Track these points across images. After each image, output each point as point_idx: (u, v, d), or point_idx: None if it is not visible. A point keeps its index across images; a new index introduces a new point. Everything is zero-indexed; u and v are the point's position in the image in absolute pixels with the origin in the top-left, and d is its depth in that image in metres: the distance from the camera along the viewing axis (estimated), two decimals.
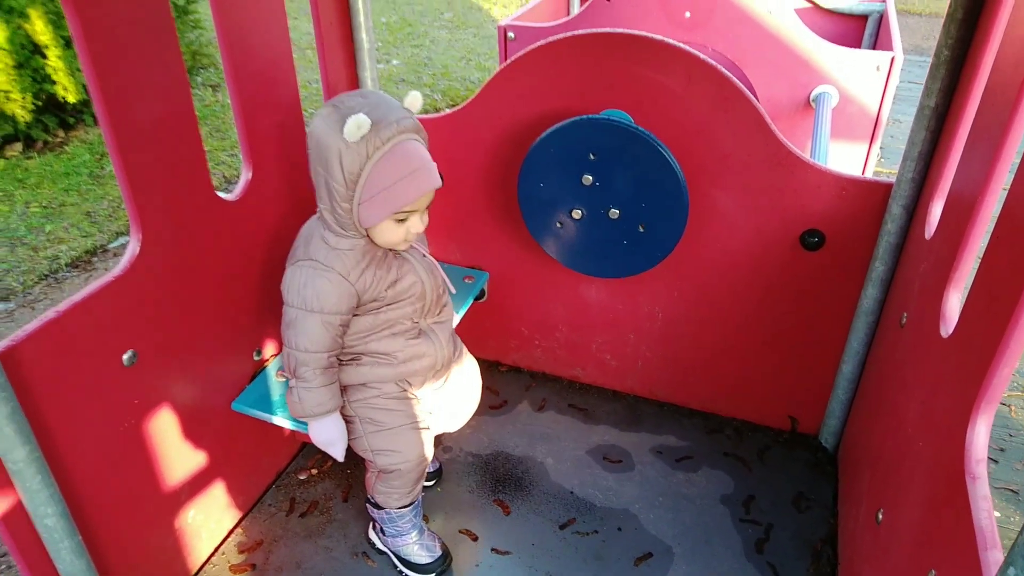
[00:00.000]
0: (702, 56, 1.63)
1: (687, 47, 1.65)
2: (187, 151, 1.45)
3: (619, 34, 1.68)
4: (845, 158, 2.68)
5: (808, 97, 2.64)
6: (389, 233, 1.37)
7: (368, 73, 1.93)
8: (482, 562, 1.71)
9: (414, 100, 1.37)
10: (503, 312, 2.20)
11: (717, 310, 1.94)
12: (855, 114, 2.63)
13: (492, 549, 1.74)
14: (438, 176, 1.37)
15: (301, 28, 6.40)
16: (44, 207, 4.09)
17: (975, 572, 0.82)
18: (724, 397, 2.09)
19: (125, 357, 1.38)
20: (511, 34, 2.93)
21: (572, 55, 1.73)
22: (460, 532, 1.77)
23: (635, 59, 1.68)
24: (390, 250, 1.43)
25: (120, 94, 1.26)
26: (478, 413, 2.12)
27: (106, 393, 1.36)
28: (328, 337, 1.40)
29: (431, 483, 1.90)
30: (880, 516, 1.34)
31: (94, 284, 1.31)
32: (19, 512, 1.22)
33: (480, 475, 1.93)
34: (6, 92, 4.20)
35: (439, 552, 1.67)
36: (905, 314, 1.49)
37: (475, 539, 1.77)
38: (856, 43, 3.30)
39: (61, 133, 4.71)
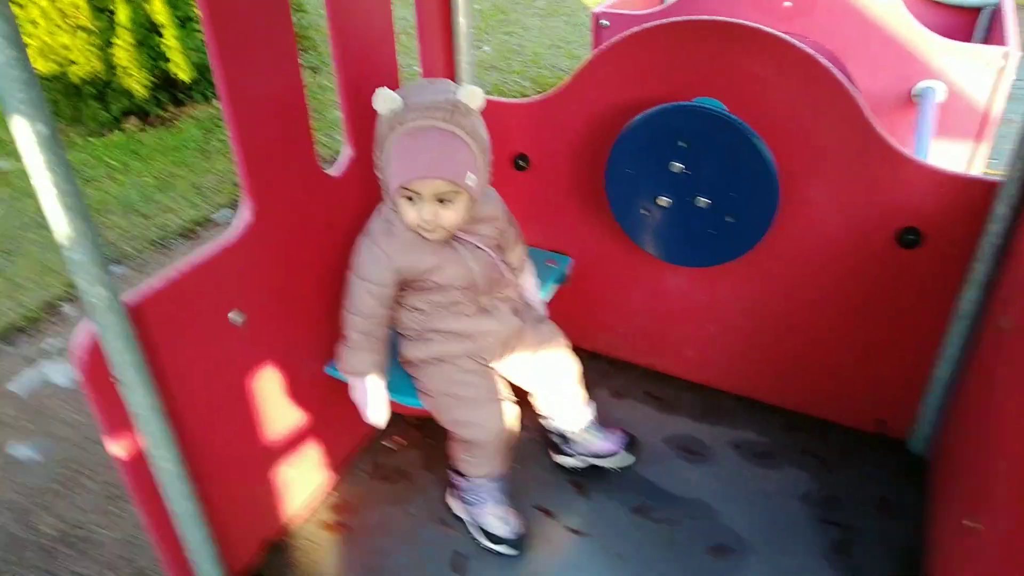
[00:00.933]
0: (797, 44, 1.60)
1: (782, 34, 1.62)
2: (297, 127, 1.54)
3: (713, 21, 1.68)
4: (950, 157, 2.57)
5: (911, 91, 2.54)
6: (404, 210, 1.45)
7: (464, 57, 1.98)
8: (556, 539, 1.75)
9: (470, 94, 1.39)
10: (584, 297, 2.22)
11: (804, 305, 1.91)
12: (963, 111, 2.51)
13: (567, 527, 1.78)
14: (436, 167, 1.37)
15: (397, 14, 6.54)
16: (156, 178, 4.36)
17: None
18: (807, 395, 2.05)
19: (235, 317, 1.49)
20: (604, 21, 2.93)
21: (665, 43, 1.74)
22: (536, 508, 1.82)
23: (728, 47, 1.67)
24: (440, 238, 1.51)
25: (239, 71, 1.35)
26: None
27: (217, 350, 1.47)
28: (369, 304, 1.53)
29: (630, 460, 1.90)
30: (977, 525, 1.31)
31: (211, 247, 1.42)
32: (138, 454, 1.34)
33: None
34: (126, 68, 4.48)
35: (519, 528, 1.71)
36: (1008, 318, 1.43)
37: (551, 516, 1.81)
38: (967, 37, 3.14)
39: (173, 109, 5.00)
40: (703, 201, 1.75)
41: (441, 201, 1.42)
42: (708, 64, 1.71)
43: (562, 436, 1.87)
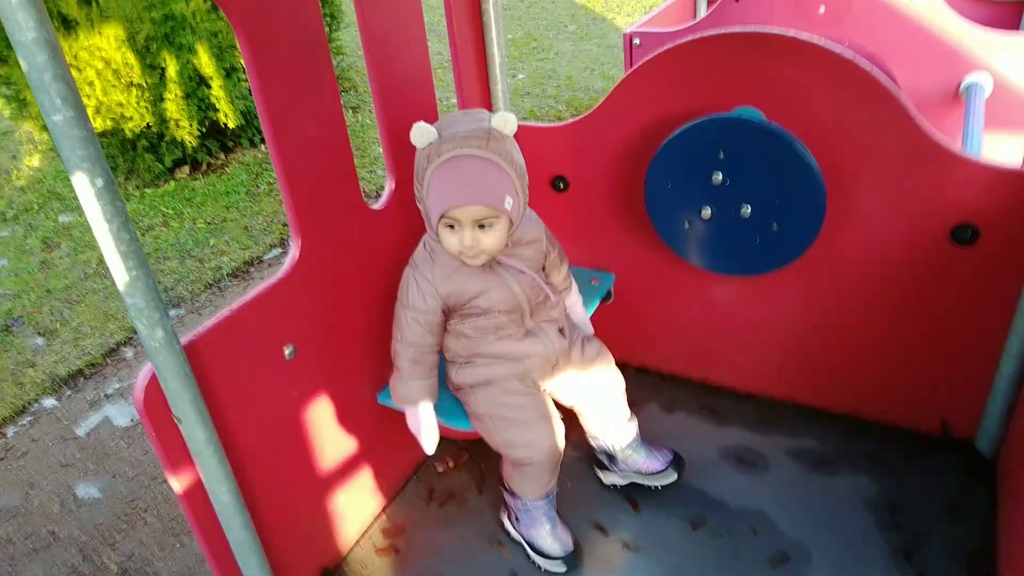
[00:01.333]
0: (834, 48, 1.58)
1: (818, 39, 1.61)
2: (340, 164, 1.58)
3: (747, 32, 1.67)
4: (1002, 151, 2.49)
5: (958, 87, 2.48)
6: (446, 239, 1.46)
7: (499, 87, 2.02)
8: (611, 555, 1.73)
9: (502, 121, 1.41)
10: (630, 313, 2.21)
11: (858, 308, 1.86)
12: (1013, 104, 2.44)
13: (623, 544, 1.76)
14: (474, 194, 1.39)
15: (433, 49, 6.69)
16: (208, 223, 4.51)
17: None
18: (866, 399, 2.00)
19: (287, 351, 1.53)
20: (637, 40, 2.95)
21: (698, 57, 1.74)
22: (589, 524, 1.81)
23: (764, 56, 1.67)
24: (482, 264, 1.52)
25: (284, 114, 1.41)
26: None
27: (269, 383, 1.51)
28: (417, 332, 1.55)
29: (674, 476, 1.87)
30: None
31: (261, 285, 1.46)
32: (198, 488, 1.38)
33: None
34: (176, 120, 4.67)
35: (571, 544, 1.71)
36: None
37: (605, 533, 1.79)
38: (1014, 28, 3.06)
39: (222, 156, 5.18)
40: (747, 210, 1.73)
41: (481, 227, 1.43)
42: (744, 74, 1.71)
43: (608, 454, 1.87)
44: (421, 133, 1.41)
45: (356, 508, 1.84)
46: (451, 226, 1.44)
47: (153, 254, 4.22)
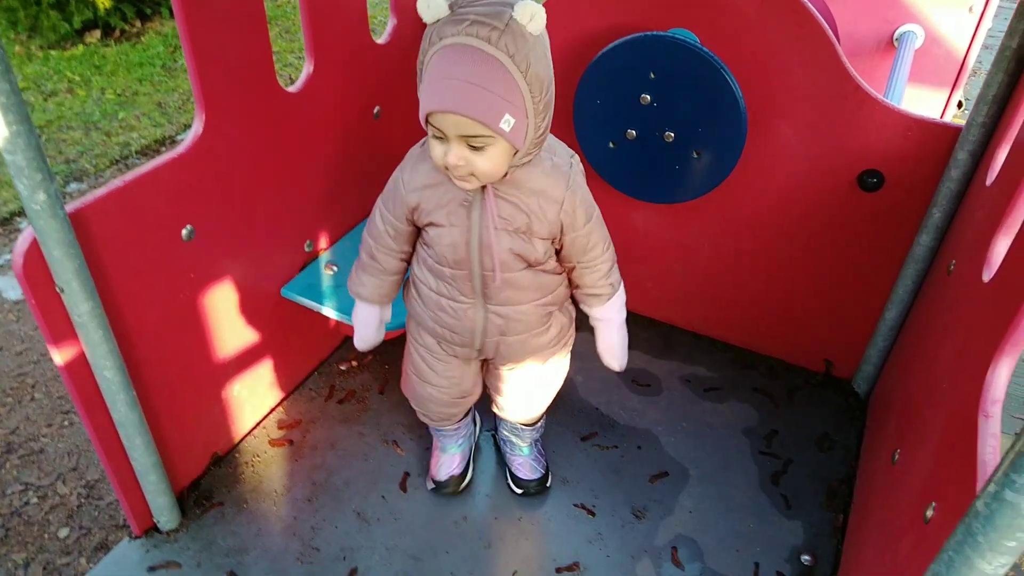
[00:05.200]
0: None
1: None
2: (253, 40, 1.48)
3: None
4: (923, 104, 2.57)
5: (892, 36, 2.52)
6: (432, 147, 1.17)
7: None
8: (499, 456, 1.79)
9: (527, 12, 1.05)
10: None
11: (764, 245, 1.92)
12: (939, 57, 2.50)
13: None
14: (460, 100, 1.07)
15: None
16: (118, 95, 4.22)
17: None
18: (761, 334, 2.09)
19: (184, 231, 1.46)
20: None
21: None
22: (488, 432, 1.85)
23: None
24: (462, 190, 1.23)
25: None
26: None
27: (165, 263, 1.44)
28: (379, 229, 1.36)
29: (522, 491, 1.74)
30: (896, 456, 1.36)
31: (160, 158, 1.38)
32: (82, 363, 1.33)
33: None
34: None
35: (443, 478, 1.68)
36: (954, 262, 1.46)
37: (496, 432, 1.84)
38: None
39: (138, 24, 4.80)
40: (670, 135, 1.73)
41: (472, 146, 1.12)
42: None
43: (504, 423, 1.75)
44: (428, 4, 1.07)
45: (252, 398, 1.82)
46: (437, 136, 1.15)
47: (55, 122, 3.93)
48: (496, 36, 1.04)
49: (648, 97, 1.70)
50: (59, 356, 1.30)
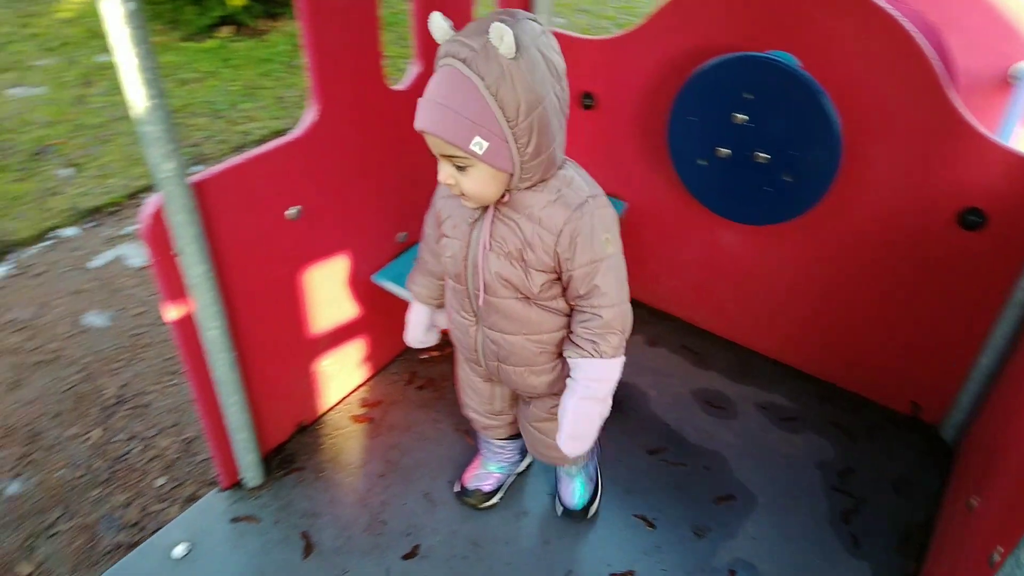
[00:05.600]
0: (883, 6, 1.54)
1: None
2: (367, 40, 1.59)
3: None
4: None
5: (1007, 72, 2.40)
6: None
7: None
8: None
9: (497, 33, 1.03)
10: (634, 243, 2.20)
11: (853, 276, 1.88)
12: None
13: None
14: (430, 120, 1.09)
15: None
16: (243, 87, 4.52)
17: None
18: (845, 368, 2.03)
19: (291, 211, 1.57)
20: None
21: None
22: None
23: (810, 1, 1.63)
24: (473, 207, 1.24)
25: None
26: None
27: (271, 238, 1.56)
28: (427, 232, 1.43)
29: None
30: (973, 503, 1.31)
31: (274, 142, 1.50)
32: (191, 322, 1.46)
33: None
34: None
35: (471, 487, 1.70)
36: None
37: None
38: None
39: (266, 22, 5.12)
40: (762, 156, 1.73)
41: (457, 166, 1.14)
42: (787, 17, 1.67)
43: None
44: (434, 26, 1.11)
45: (339, 375, 1.93)
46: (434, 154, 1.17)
47: (185, 108, 4.24)
48: (472, 57, 1.05)
49: (742, 116, 1.71)
50: (172, 313, 1.43)
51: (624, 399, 2.00)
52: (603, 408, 1.29)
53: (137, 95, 1.17)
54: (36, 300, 2.94)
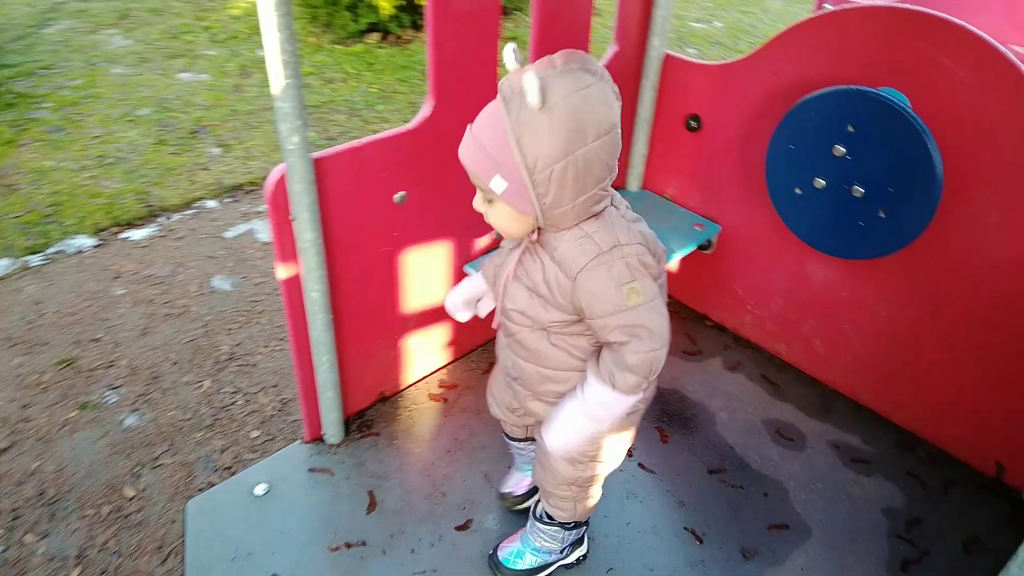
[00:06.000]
0: (999, 46, 1.52)
1: (989, 38, 1.54)
2: (484, 46, 1.72)
3: (918, 12, 1.63)
4: None
5: None
6: None
7: (660, 12, 2.06)
8: (627, 471, 1.86)
9: (528, 82, 1.00)
10: (724, 268, 2.25)
11: (947, 323, 1.82)
12: None
13: (640, 464, 1.88)
14: (471, 156, 1.11)
15: None
16: (381, 90, 4.82)
17: None
18: (929, 418, 1.97)
19: (397, 195, 1.72)
20: (828, 6, 2.83)
21: (859, 27, 1.71)
22: None
23: (923, 39, 1.62)
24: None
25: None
26: (669, 353, 2.24)
27: (376, 218, 1.72)
28: None
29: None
30: None
31: (390, 131, 1.65)
32: (297, 282, 1.63)
33: (651, 403, 2.06)
34: None
35: (504, 491, 1.76)
36: None
37: (629, 454, 1.92)
38: None
39: (411, 32, 5.45)
40: (858, 190, 1.72)
41: (487, 199, 1.16)
42: (902, 55, 1.67)
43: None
44: (507, 57, 1.09)
45: (423, 354, 2.06)
46: None
47: (327, 104, 4.59)
48: (510, 96, 1.04)
49: (842, 149, 1.71)
50: (282, 272, 1.60)
51: (691, 417, 2.02)
52: (598, 428, 1.23)
53: (276, 74, 1.34)
54: (174, 260, 3.28)
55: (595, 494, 1.49)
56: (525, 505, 1.76)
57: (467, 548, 1.66)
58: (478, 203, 1.18)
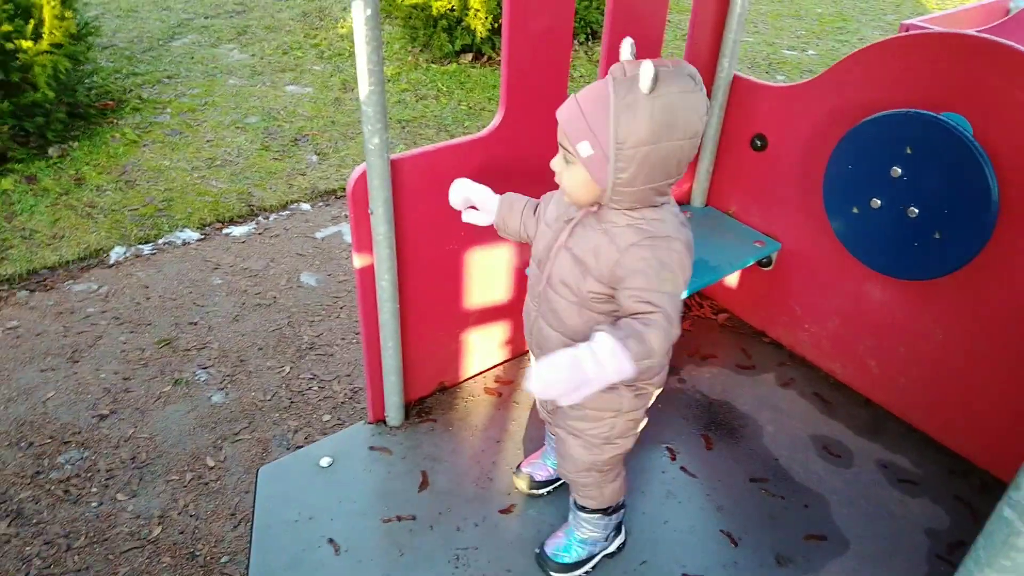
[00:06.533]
0: None
1: None
2: (556, 62, 1.85)
3: (985, 40, 1.65)
4: None
5: None
6: None
7: (732, 36, 2.14)
8: (669, 473, 1.92)
9: (644, 71, 1.13)
10: (782, 286, 2.29)
11: (1004, 346, 1.81)
12: None
13: (682, 467, 1.94)
14: (568, 114, 1.21)
15: None
16: (469, 107, 5.04)
17: None
18: (984, 445, 1.94)
19: None
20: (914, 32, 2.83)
21: (925, 52, 1.74)
22: (663, 445, 2.00)
23: (990, 65, 1.64)
24: (568, 208, 1.36)
25: (523, 13, 1.69)
26: (720, 364, 2.29)
27: (444, 216, 1.85)
28: (533, 203, 1.54)
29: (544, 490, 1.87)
30: None
31: (463, 138, 1.80)
32: (370, 271, 1.79)
33: (699, 410, 2.12)
34: (476, 10, 5.19)
35: (523, 470, 1.85)
36: None
37: (673, 458, 1.98)
38: None
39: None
40: (913, 211, 1.75)
41: (566, 158, 1.27)
42: (965, 81, 1.69)
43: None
44: (624, 49, 1.21)
45: (481, 351, 2.19)
46: None
47: (418, 119, 4.84)
48: (620, 79, 1.16)
49: (899, 170, 1.74)
50: (358, 261, 1.77)
51: (739, 428, 2.07)
52: (581, 384, 1.15)
53: (363, 82, 1.51)
54: (267, 255, 3.55)
55: (618, 476, 1.58)
56: (540, 493, 1.85)
57: (508, 531, 1.77)
58: (557, 162, 1.29)
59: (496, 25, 5.32)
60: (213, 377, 2.84)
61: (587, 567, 1.68)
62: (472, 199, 1.59)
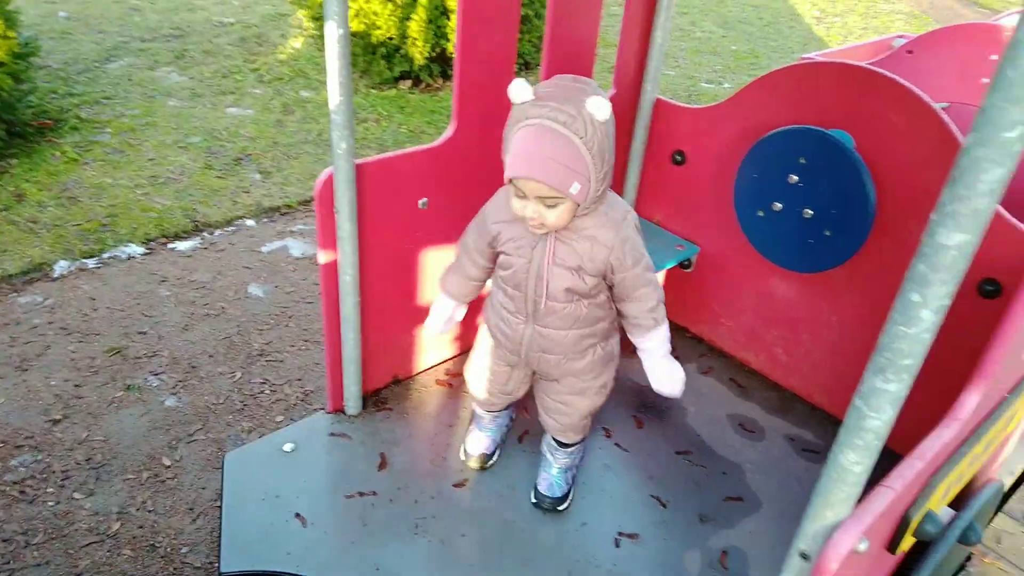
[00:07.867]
0: (932, 103, 1.84)
1: (920, 92, 1.87)
2: (502, 80, 2.07)
3: (865, 69, 1.96)
4: None
5: None
6: (513, 202, 1.49)
7: (653, 63, 2.42)
8: (605, 449, 2.14)
9: (597, 106, 1.36)
10: (701, 286, 2.56)
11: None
12: None
13: (616, 444, 2.16)
14: (539, 171, 1.37)
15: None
16: (410, 130, 5.24)
17: None
18: None
19: (421, 201, 2.06)
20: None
21: (817, 79, 2.05)
22: (600, 426, 2.22)
23: (868, 91, 1.95)
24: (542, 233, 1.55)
25: (473, 34, 1.91)
26: None
27: (403, 218, 2.05)
28: (470, 245, 1.73)
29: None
30: None
31: (420, 147, 2.00)
32: (333, 266, 1.95)
33: (631, 395, 2.35)
34: (414, 40, 5.42)
35: (474, 453, 2.02)
36: None
37: (608, 436, 2.20)
38: None
39: (440, 80, 5.90)
40: (808, 212, 2.04)
41: (546, 204, 1.44)
42: (849, 104, 1.99)
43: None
44: (518, 91, 1.42)
45: (434, 346, 2.37)
46: (519, 195, 1.46)
47: (359, 140, 5.00)
48: (571, 121, 1.35)
49: (796, 177, 2.04)
50: (322, 257, 1.93)
51: (665, 410, 2.31)
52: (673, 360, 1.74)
53: (333, 93, 1.70)
54: (214, 269, 3.63)
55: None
56: (492, 462, 2.05)
57: (462, 501, 1.94)
58: (536, 211, 1.45)
59: (434, 54, 5.56)
60: (165, 383, 2.91)
61: (571, 494, 1.97)
62: (444, 315, 1.89)
